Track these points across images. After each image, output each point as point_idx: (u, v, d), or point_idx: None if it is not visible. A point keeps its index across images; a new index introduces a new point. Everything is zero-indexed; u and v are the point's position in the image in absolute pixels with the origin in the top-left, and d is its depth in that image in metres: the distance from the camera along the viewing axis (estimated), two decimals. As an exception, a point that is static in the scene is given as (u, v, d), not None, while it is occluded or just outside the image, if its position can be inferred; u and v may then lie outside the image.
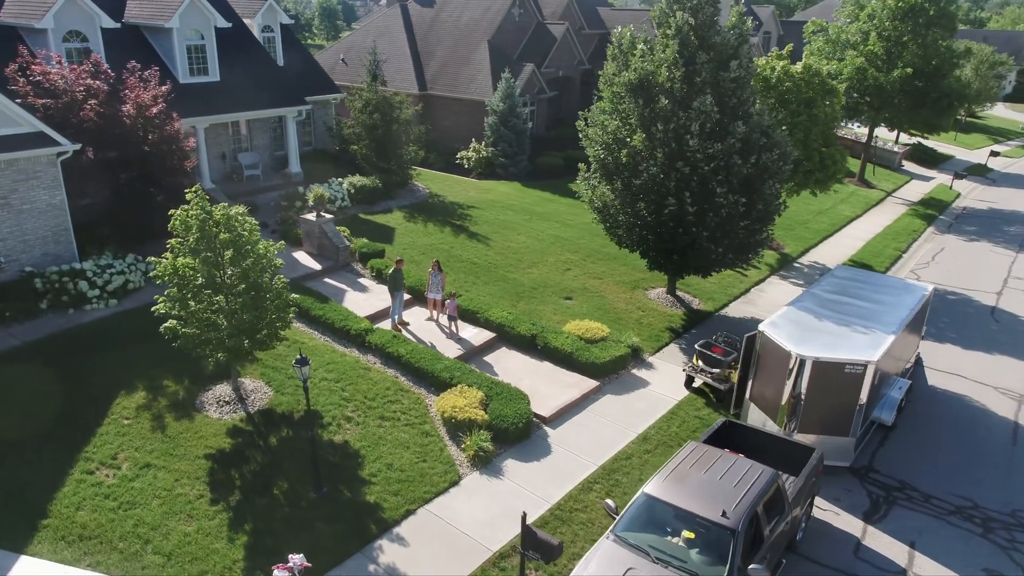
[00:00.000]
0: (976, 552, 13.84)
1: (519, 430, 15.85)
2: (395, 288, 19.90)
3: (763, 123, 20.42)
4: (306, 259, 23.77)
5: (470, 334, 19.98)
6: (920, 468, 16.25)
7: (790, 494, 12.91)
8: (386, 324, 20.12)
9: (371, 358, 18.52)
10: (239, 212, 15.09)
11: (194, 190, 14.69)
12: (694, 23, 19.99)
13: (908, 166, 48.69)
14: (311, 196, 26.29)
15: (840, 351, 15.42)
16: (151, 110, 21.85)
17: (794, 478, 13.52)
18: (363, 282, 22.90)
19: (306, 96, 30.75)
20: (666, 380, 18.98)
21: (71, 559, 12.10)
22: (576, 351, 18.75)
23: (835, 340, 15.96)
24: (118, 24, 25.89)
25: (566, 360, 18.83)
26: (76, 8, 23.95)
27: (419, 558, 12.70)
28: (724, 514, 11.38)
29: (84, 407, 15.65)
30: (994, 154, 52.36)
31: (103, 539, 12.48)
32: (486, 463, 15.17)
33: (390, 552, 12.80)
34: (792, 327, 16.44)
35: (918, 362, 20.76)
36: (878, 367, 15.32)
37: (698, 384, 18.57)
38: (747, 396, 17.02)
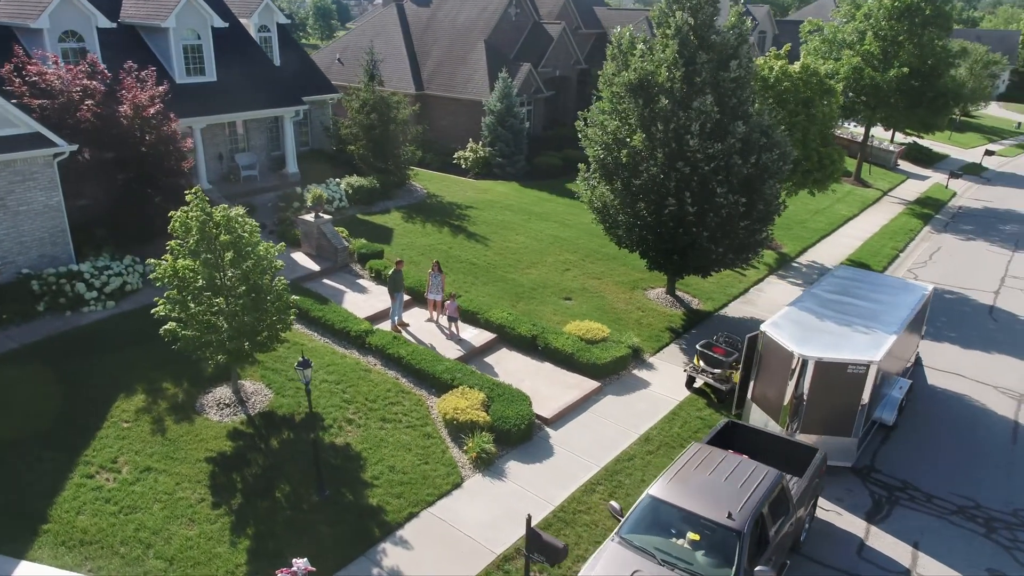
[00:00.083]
0: (979, 552, 13.86)
1: (521, 431, 15.80)
2: (395, 289, 19.82)
3: (763, 123, 20.42)
4: (305, 260, 23.67)
5: (470, 335, 19.93)
6: (921, 468, 16.28)
7: (794, 495, 12.90)
8: (386, 325, 20.05)
9: (371, 359, 18.45)
10: (239, 213, 15.00)
11: (194, 191, 14.58)
12: (694, 23, 19.96)
13: (904, 165, 48.84)
14: (309, 197, 26.19)
15: (843, 351, 15.43)
16: (148, 110, 21.70)
17: (798, 479, 13.53)
18: (362, 283, 22.81)
19: (303, 96, 30.63)
20: (667, 380, 18.96)
21: (72, 564, 11.99)
22: (577, 352, 18.72)
23: (837, 340, 15.96)
24: (114, 24, 25.78)
25: (567, 361, 18.80)
26: (72, 8, 23.80)
27: (423, 561, 12.64)
28: (730, 516, 11.35)
29: (83, 410, 15.52)
30: (989, 153, 52.57)
31: (104, 544, 12.38)
32: (488, 465, 15.12)
33: (394, 555, 12.74)
34: (794, 327, 16.44)
35: (917, 361, 20.80)
36: (880, 367, 15.33)
37: (699, 384, 18.57)
38: (749, 396, 17.01)
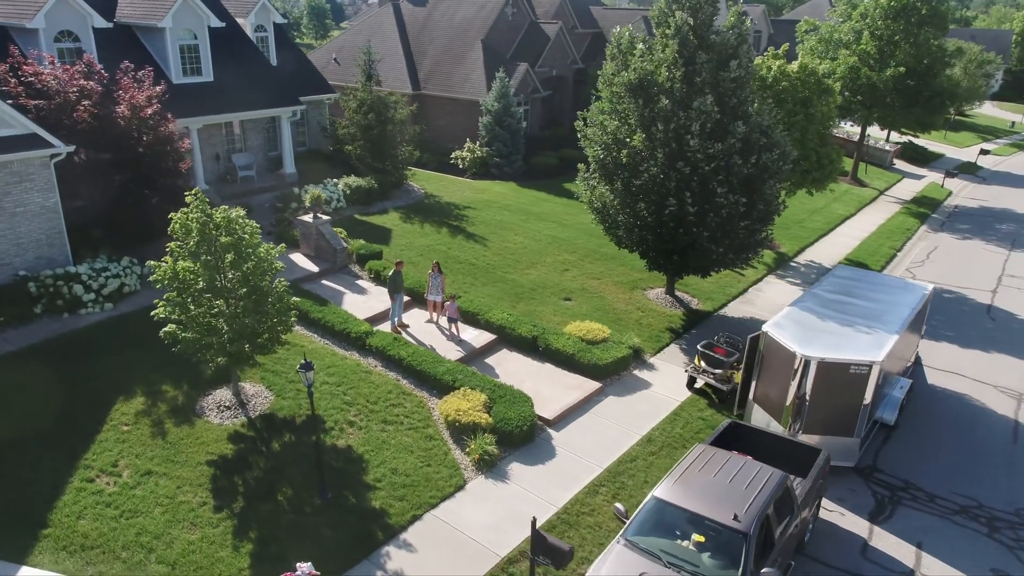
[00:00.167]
0: (983, 552, 13.87)
1: (523, 433, 15.75)
2: (395, 290, 19.74)
3: (763, 123, 20.42)
4: (303, 261, 23.56)
5: (471, 336, 19.87)
6: (923, 467, 16.30)
7: (799, 496, 12.88)
8: (386, 326, 19.97)
9: (372, 361, 18.37)
10: (239, 215, 14.90)
11: (194, 192, 14.49)
12: (693, 23, 19.94)
13: (899, 164, 48.97)
14: (307, 197, 26.07)
15: (845, 351, 15.42)
16: (146, 111, 21.56)
17: (802, 479, 13.50)
18: (361, 284, 22.71)
19: (300, 96, 30.50)
20: (668, 381, 18.93)
21: (73, 570, 11.89)
22: (578, 352, 18.68)
23: (839, 340, 15.96)
24: (110, 24, 25.65)
25: (568, 362, 18.75)
26: (67, 8, 23.62)
27: (426, 564, 12.57)
28: (736, 517, 11.33)
29: (82, 413, 15.41)
30: (984, 152, 52.74)
31: (106, 548, 12.28)
32: (491, 467, 15.06)
33: (397, 558, 12.67)
34: (796, 327, 16.43)
35: (917, 361, 20.83)
36: (882, 367, 15.33)
37: (700, 385, 18.55)
38: (751, 397, 17.00)
